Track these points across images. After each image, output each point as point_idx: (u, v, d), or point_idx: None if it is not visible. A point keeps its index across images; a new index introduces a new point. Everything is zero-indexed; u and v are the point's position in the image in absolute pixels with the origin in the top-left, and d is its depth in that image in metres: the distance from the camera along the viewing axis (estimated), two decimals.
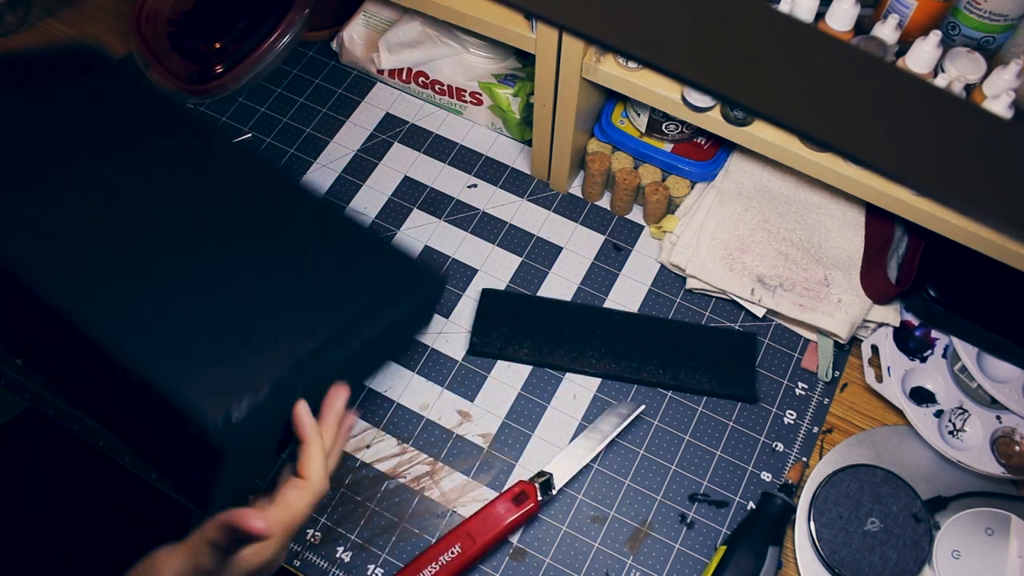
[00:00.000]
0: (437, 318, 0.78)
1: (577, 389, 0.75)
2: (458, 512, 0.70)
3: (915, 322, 0.76)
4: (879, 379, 0.74)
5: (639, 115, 0.78)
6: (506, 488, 0.69)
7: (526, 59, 0.85)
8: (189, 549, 0.47)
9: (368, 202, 0.84)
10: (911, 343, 0.75)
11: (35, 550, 0.79)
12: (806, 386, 0.75)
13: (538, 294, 0.79)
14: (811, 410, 0.74)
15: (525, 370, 0.76)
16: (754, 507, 0.70)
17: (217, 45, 0.85)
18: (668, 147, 0.79)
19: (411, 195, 0.85)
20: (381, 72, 0.89)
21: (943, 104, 0.22)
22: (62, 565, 0.79)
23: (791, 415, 0.74)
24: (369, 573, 0.67)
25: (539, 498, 0.67)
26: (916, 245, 0.75)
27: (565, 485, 0.70)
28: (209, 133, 0.63)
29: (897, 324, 0.75)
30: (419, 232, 0.82)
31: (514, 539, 0.69)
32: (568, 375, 0.75)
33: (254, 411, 0.45)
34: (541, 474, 0.69)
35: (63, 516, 0.82)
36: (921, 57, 0.61)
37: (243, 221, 0.55)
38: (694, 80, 0.22)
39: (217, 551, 0.46)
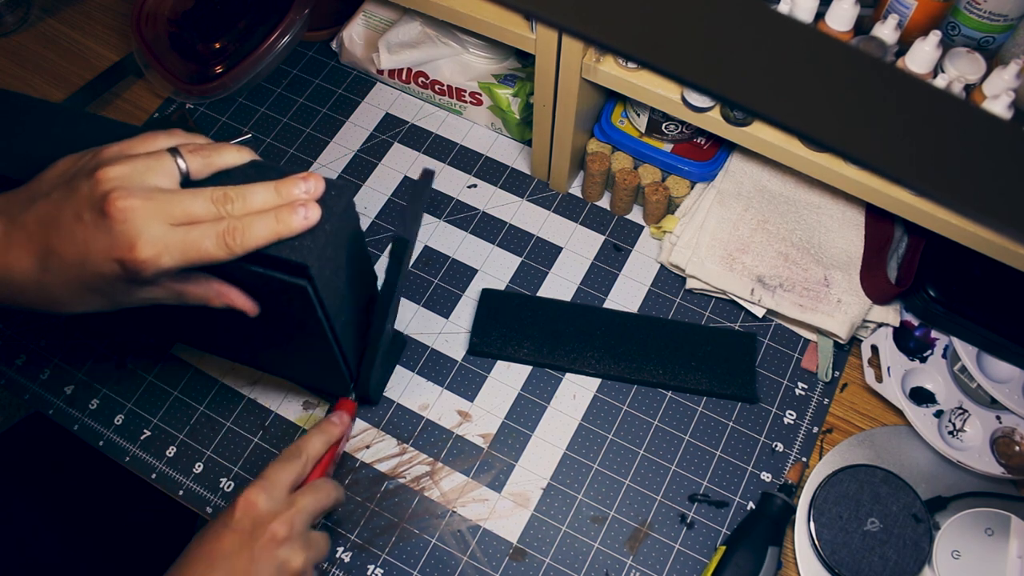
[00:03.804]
0: (437, 318, 0.78)
1: (577, 389, 0.75)
2: (458, 512, 0.70)
3: (915, 322, 0.76)
4: (879, 379, 0.74)
5: (639, 115, 0.78)
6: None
7: (526, 59, 0.85)
8: None
9: (368, 202, 0.84)
10: (911, 343, 0.75)
11: (34, 550, 0.79)
12: (806, 386, 0.75)
13: (538, 294, 0.79)
14: (811, 410, 0.74)
15: (525, 370, 0.76)
16: (754, 507, 0.70)
17: (217, 45, 0.85)
18: (668, 147, 0.79)
19: None
20: (381, 72, 0.89)
21: (943, 104, 0.22)
22: (61, 565, 0.79)
23: (791, 415, 0.74)
24: (369, 573, 0.67)
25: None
26: (916, 245, 0.75)
27: (560, 482, 0.70)
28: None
29: (897, 324, 0.75)
30: (419, 232, 0.82)
31: (514, 539, 0.69)
32: (568, 375, 0.75)
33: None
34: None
35: (62, 516, 0.82)
36: (921, 57, 0.61)
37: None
38: (694, 80, 0.22)
39: None
